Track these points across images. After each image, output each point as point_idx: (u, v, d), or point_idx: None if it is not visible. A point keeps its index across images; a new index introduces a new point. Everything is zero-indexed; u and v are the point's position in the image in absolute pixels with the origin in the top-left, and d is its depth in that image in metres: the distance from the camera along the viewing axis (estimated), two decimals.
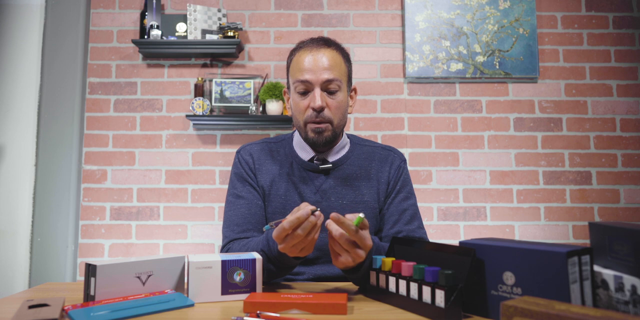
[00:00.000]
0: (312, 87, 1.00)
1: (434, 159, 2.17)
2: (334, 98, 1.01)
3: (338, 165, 1.09)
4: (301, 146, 1.09)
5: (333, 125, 1.02)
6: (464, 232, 2.13)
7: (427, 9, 2.21)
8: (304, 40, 1.06)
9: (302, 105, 1.02)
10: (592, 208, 2.14)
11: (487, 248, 0.67)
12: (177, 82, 2.21)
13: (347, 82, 1.06)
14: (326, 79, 0.99)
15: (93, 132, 2.18)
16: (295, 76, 1.02)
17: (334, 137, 1.04)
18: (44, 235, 2.06)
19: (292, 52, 1.07)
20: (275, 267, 0.87)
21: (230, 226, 1.04)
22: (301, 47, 1.04)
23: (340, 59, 1.04)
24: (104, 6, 2.25)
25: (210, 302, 0.78)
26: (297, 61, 1.03)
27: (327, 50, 1.02)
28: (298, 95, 1.03)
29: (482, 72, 2.18)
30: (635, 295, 0.58)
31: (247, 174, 1.09)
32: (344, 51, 1.07)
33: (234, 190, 1.09)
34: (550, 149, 2.17)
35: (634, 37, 2.23)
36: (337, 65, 1.02)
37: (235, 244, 1.00)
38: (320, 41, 1.04)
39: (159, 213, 2.13)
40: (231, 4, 2.25)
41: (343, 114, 1.05)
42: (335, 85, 1.01)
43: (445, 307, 0.65)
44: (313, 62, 1.00)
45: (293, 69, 1.04)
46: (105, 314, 0.67)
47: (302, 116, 1.02)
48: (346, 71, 1.05)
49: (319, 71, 0.99)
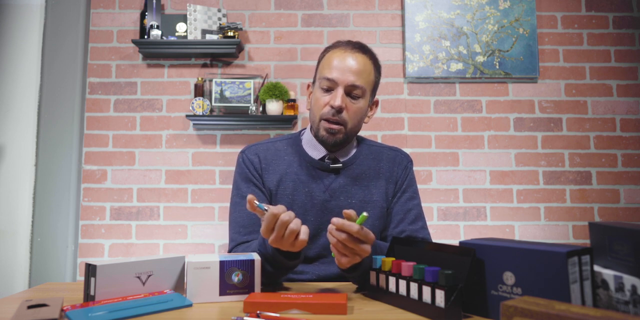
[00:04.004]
0: (336, 86, 1.00)
1: (434, 159, 2.17)
2: (354, 103, 1.02)
3: (348, 164, 1.09)
4: (312, 145, 1.09)
5: (346, 129, 1.03)
6: (464, 232, 2.13)
7: (427, 9, 2.20)
8: (342, 41, 1.07)
9: (323, 101, 1.02)
10: (592, 208, 2.14)
11: (487, 248, 0.67)
12: (177, 82, 2.21)
13: (371, 92, 1.06)
14: (352, 83, 1.00)
15: (93, 132, 2.18)
16: (322, 72, 1.03)
17: (344, 141, 1.05)
18: (44, 235, 2.06)
19: (327, 49, 1.07)
20: (272, 267, 0.87)
21: (236, 228, 1.04)
22: (337, 46, 1.05)
23: (371, 67, 1.04)
24: (104, 6, 2.25)
25: (208, 302, 0.78)
26: (329, 58, 1.03)
27: (361, 56, 1.02)
28: (321, 91, 1.03)
29: (482, 72, 2.18)
30: (635, 295, 0.58)
31: (252, 175, 1.08)
32: (377, 61, 1.08)
33: (238, 191, 1.08)
34: (550, 149, 2.17)
35: (634, 37, 2.23)
36: (366, 72, 1.02)
37: (240, 248, 1.01)
38: (357, 45, 1.04)
39: (159, 213, 2.13)
40: (231, 4, 2.25)
41: (359, 120, 1.05)
42: (359, 92, 1.01)
43: (445, 307, 0.65)
44: (344, 62, 1.00)
45: (323, 65, 1.04)
46: (103, 314, 0.67)
47: (319, 111, 1.03)
48: (373, 81, 1.06)
49: (347, 73, 1.00)
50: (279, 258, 0.84)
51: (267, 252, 0.85)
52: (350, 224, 0.74)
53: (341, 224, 0.74)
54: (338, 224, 0.74)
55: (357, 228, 0.74)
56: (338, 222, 0.74)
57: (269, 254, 0.85)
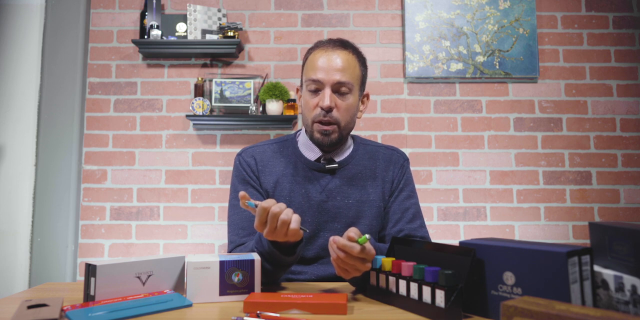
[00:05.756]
0: (323, 87, 1.00)
1: (434, 159, 2.17)
2: (343, 100, 1.01)
3: (344, 164, 1.09)
4: (307, 146, 1.09)
5: (340, 127, 1.02)
6: (464, 232, 2.13)
7: (427, 9, 2.20)
8: (322, 40, 1.06)
9: (312, 103, 1.02)
10: (592, 208, 2.14)
11: (487, 248, 0.67)
12: (177, 82, 2.21)
13: (359, 86, 1.06)
14: (337, 81, 0.99)
15: (93, 132, 2.18)
16: (308, 74, 1.03)
17: (340, 140, 1.05)
18: (44, 235, 2.06)
19: (308, 51, 1.07)
20: (270, 264, 0.87)
21: (235, 230, 1.04)
22: (318, 46, 1.05)
23: (355, 62, 1.03)
24: (104, 6, 2.25)
25: (208, 302, 0.78)
26: (312, 59, 1.03)
27: (342, 52, 1.02)
28: (309, 94, 1.03)
29: (482, 72, 2.18)
30: (635, 295, 0.58)
31: (249, 177, 1.08)
32: (361, 55, 1.07)
33: (236, 194, 1.08)
34: (550, 149, 2.17)
35: (634, 37, 2.23)
36: (351, 68, 1.02)
37: (237, 250, 1.01)
38: (337, 42, 1.04)
39: (159, 213, 2.13)
40: (231, 4, 2.25)
41: (351, 117, 1.05)
42: (347, 88, 1.01)
43: (445, 307, 0.65)
44: (327, 62, 1.00)
45: (307, 67, 1.04)
46: (103, 314, 0.67)
47: (310, 114, 1.03)
48: (360, 75, 1.05)
49: (331, 72, 0.99)
50: (276, 254, 0.84)
51: (264, 249, 0.86)
52: (352, 246, 0.74)
53: (342, 245, 0.74)
54: (340, 245, 0.75)
55: (358, 250, 0.74)
56: (340, 243, 0.75)
57: (266, 250, 0.85)
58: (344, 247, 0.74)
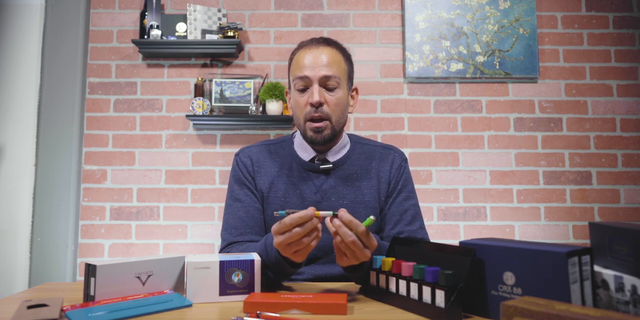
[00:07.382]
0: (310, 83, 1.01)
1: (434, 159, 2.17)
2: (332, 95, 1.02)
3: (339, 165, 1.09)
4: (302, 147, 1.09)
5: (332, 122, 1.02)
6: (464, 232, 2.13)
7: (427, 9, 2.20)
8: (305, 40, 1.07)
9: (302, 102, 1.02)
10: (592, 208, 2.14)
11: (487, 248, 0.67)
12: (177, 82, 2.21)
13: (347, 81, 1.06)
14: (324, 75, 1.00)
15: (93, 132, 2.18)
16: (294, 73, 1.03)
17: (333, 136, 1.04)
18: (44, 235, 2.06)
19: (293, 52, 1.08)
20: (273, 273, 0.87)
21: (229, 229, 1.04)
22: (302, 46, 1.05)
23: (339, 57, 1.04)
24: (104, 6, 2.24)
25: (208, 302, 0.78)
26: (297, 59, 1.04)
27: (326, 48, 1.03)
28: (297, 93, 1.03)
29: (482, 72, 2.18)
30: (635, 295, 0.58)
31: (244, 177, 1.09)
32: (345, 51, 1.07)
33: (232, 194, 1.09)
34: (550, 149, 2.17)
35: (634, 37, 2.23)
36: (336, 62, 1.02)
37: (234, 248, 1.01)
38: (320, 40, 1.05)
39: (159, 213, 2.13)
40: (231, 4, 2.25)
41: (342, 111, 1.04)
42: (334, 82, 1.01)
43: (445, 307, 0.65)
44: (312, 58, 1.01)
45: (293, 67, 1.05)
46: (103, 314, 0.67)
47: (301, 113, 1.03)
48: (346, 70, 1.05)
49: (317, 68, 1.00)
50: (283, 264, 0.83)
51: (270, 259, 0.85)
52: (357, 224, 0.74)
53: (349, 220, 0.73)
54: (346, 221, 0.73)
55: (363, 229, 0.74)
56: (346, 219, 0.73)
57: (272, 261, 0.84)
58: (350, 223, 0.73)
